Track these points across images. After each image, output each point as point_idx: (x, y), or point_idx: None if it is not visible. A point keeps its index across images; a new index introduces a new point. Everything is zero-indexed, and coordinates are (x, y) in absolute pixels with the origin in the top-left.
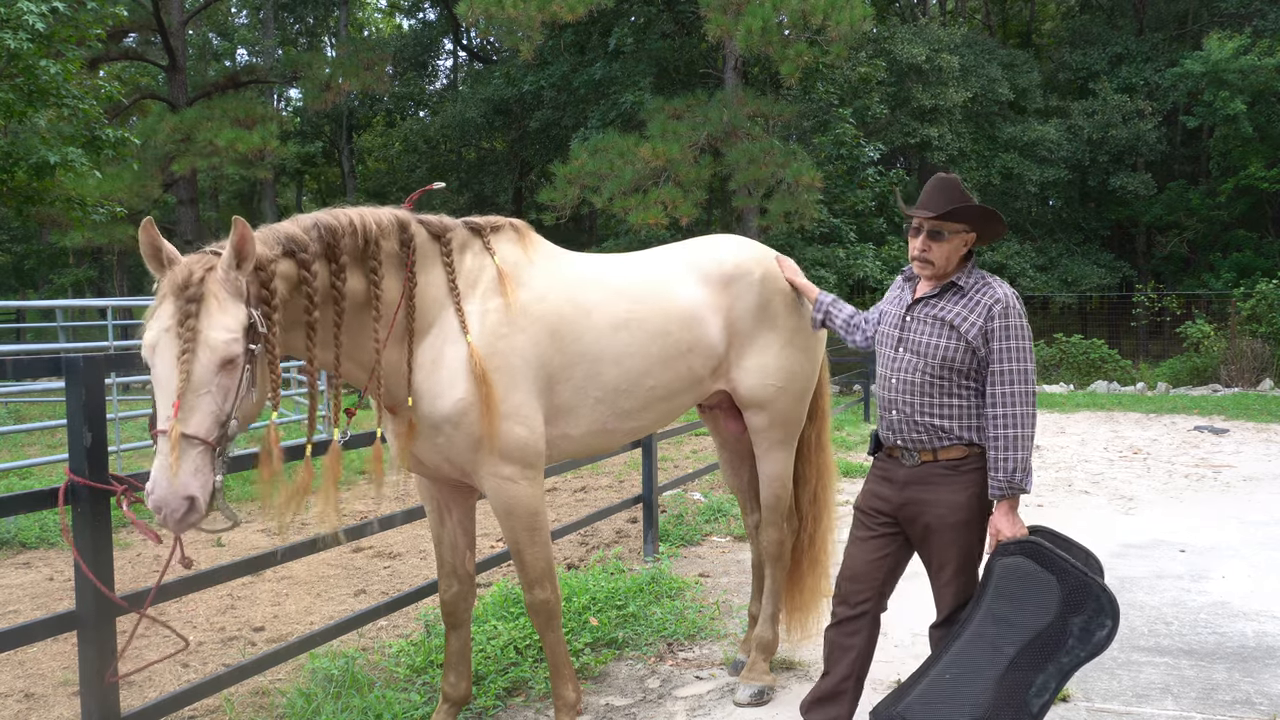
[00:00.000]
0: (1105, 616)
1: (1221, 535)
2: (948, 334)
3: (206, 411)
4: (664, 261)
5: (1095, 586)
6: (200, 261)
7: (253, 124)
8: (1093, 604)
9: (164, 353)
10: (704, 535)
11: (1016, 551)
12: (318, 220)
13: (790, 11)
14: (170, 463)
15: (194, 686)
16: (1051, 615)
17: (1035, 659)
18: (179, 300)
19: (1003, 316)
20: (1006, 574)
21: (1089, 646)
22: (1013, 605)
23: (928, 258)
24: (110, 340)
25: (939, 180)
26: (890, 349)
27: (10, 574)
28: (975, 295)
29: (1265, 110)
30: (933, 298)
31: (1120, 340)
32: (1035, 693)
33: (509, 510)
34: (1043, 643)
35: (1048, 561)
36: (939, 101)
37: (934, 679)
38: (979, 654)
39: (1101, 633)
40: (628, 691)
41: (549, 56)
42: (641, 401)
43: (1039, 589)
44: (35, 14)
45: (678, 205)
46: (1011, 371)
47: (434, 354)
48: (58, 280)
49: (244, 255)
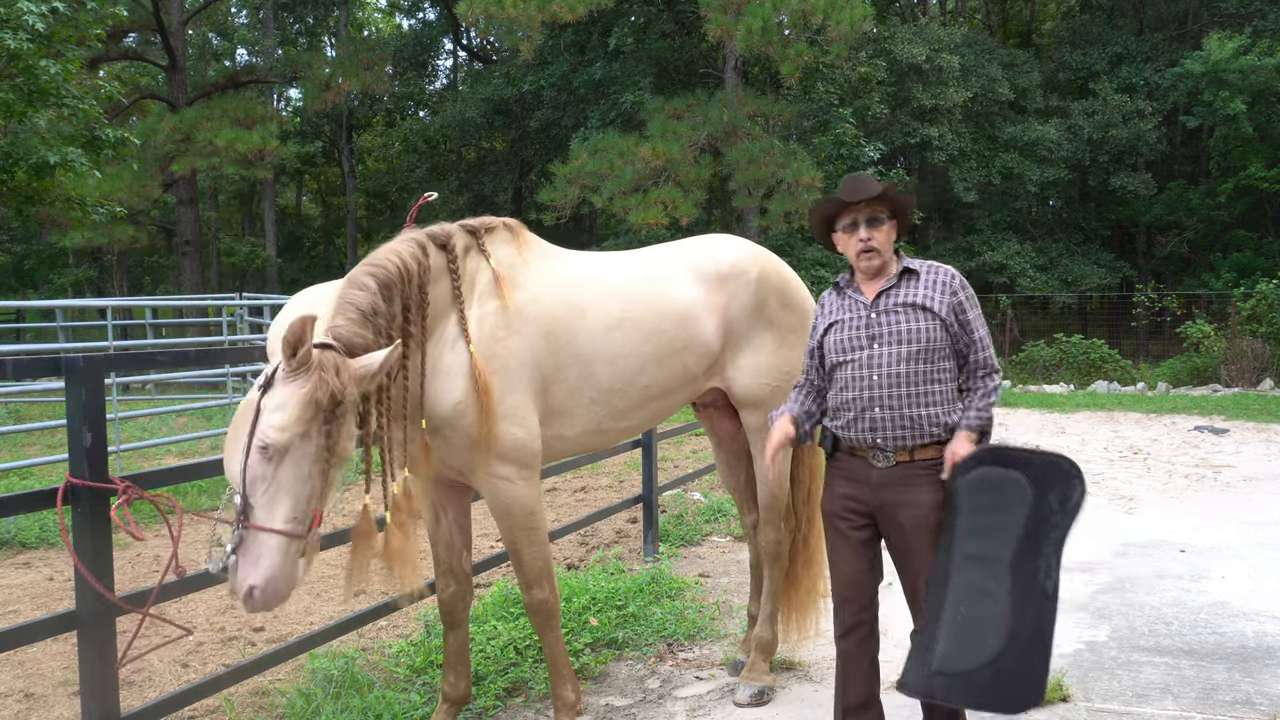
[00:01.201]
0: (1074, 479)
1: (1221, 535)
2: (924, 315)
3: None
4: (659, 260)
5: (1058, 459)
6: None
7: (253, 124)
8: (1059, 476)
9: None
10: (704, 535)
11: (975, 464)
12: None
13: (790, 11)
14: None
15: (194, 686)
16: (1030, 503)
17: (1032, 547)
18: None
19: (963, 289)
20: (974, 489)
21: (1069, 513)
22: (989, 515)
23: (873, 246)
24: (110, 340)
25: (854, 177)
26: (861, 351)
27: (10, 574)
28: (930, 276)
29: (1265, 110)
30: (892, 288)
31: (1120, 340)
32: (1045, 574)
33: (506, 510)
34: (1032, 530)
35: (1007, 459)
36: (939, 101)
37: (950, 625)
38: (979, 577)
39: (1075, 494)
40: (628, 692)
41: (549, 56)
42: (636, 400)
43: (1009, 488)
44: (35, 14)
45: (678, 205)
46: (983, 335)
47: (434, 359)
48: (58, 280)
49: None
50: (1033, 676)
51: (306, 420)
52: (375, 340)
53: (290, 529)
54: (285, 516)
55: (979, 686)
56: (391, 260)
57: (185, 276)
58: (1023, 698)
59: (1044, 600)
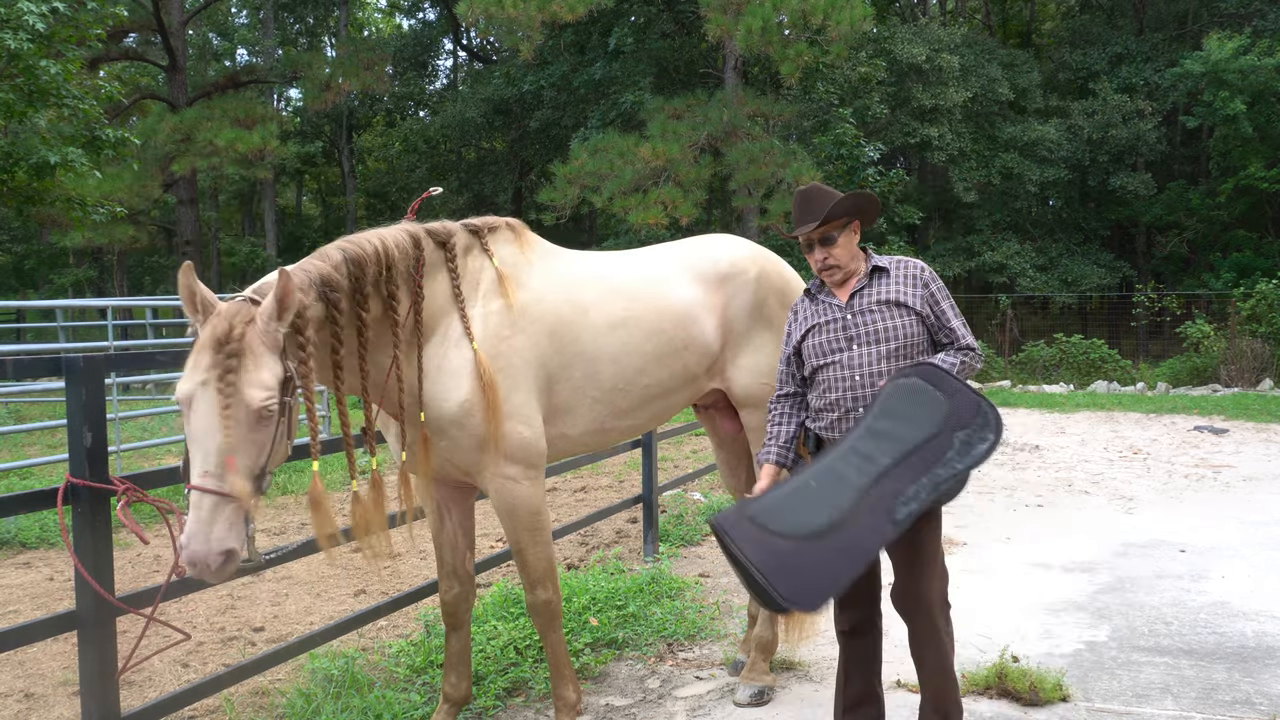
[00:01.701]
0: (989, 430)
1: (1221, 535)
2: (900, 311)
3: (243, 467)
4: (659, 260)
5: (984, 404)
6: (239, 314)
7: (253, 124)
8: (979, 419)
9: (201, 407)
10: (704, 535)
11: (911, 373)
12: (346, 254)
13: (790, 11)
14: (206, 519)
15: (194, 686)
16: (935, 428)
17: (912, 470)
18: (218, 354)
19: (933, 280)
20: (896, 392)
21: (968, 458)
22: (895, 421)
23: (831, 264)
24: (110, 340)
25: (802, 194)
26: (840, 354)
27: (10, 574)
28: (900, 271)
29: (1265, 110)
30: (864, 288)
31: (1120, 340)
32: (903, 501)
33: (511, 510)
34: (922, 454)
35: (940, 382)
36: (939, 101)
37: (794, 487)
38: (849, 467)
39: (982, 446)
40: (628, 691)
41: (549, 56)
42: (637, 400)
43: (927, 405)
44: (35, 14)
45: (678, 205)
46: (959, 324)
47: (439, 358)
48: (58, 280)
49: (286, 308)
50: (822, 580)
51: (204, 368)
52: (326, 311)
53: (200, 483)
54: (198, 472)
55: (771, 552)
56: (371, 241)
57: None
58: (798, 592)
59: (886, 523)
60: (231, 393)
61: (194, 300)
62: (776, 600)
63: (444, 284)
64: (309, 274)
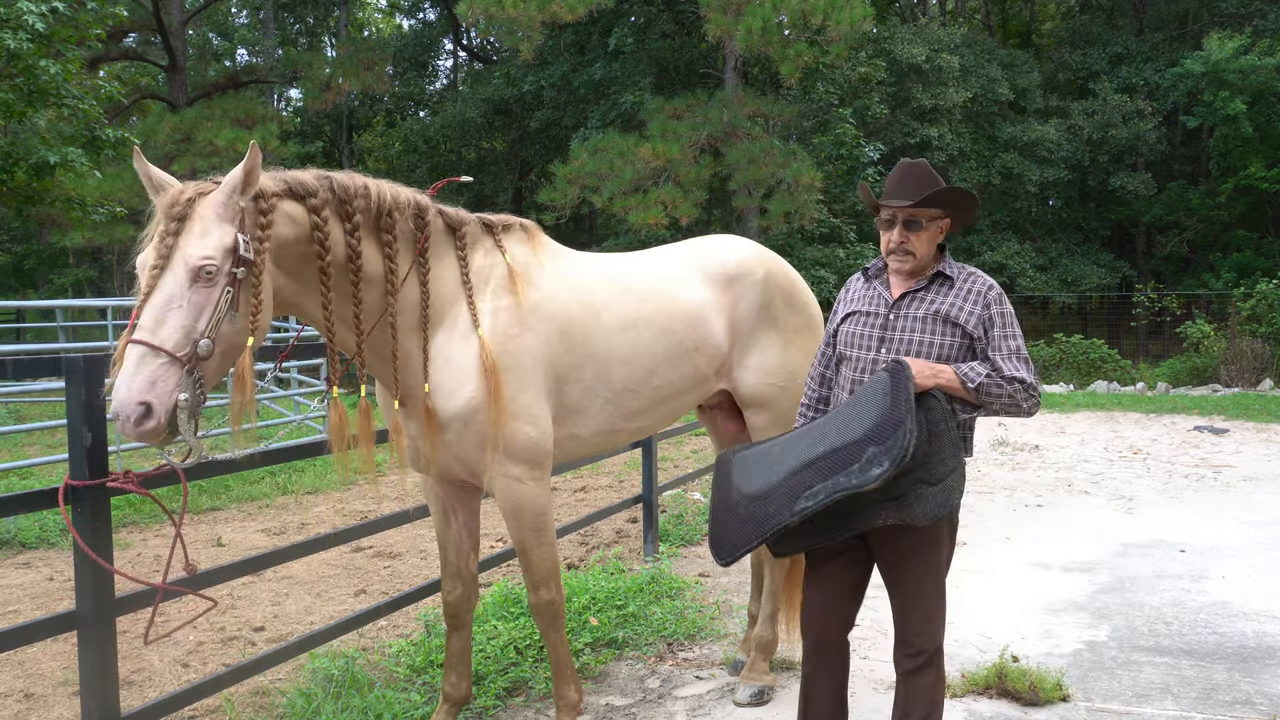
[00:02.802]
0: (886, 458)
1: (1221, 535)
2: (946, 330)
3: (175, 325)
4: (668, 261)
5: (906, 428)
6: (194, 187)
7: (253, 124)
8: (891, 442)
9: (145, 269)
10: (704, 535)
11: (890, 367)
12: (330, 175)
13: (790, 11)
14: (130, 370)
15: (194, 686)
16: (858, 434)
17: (825, 469)
18: (165, 220)
19: (999, 303)
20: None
21: (861, 478)
22: (852, 410)
23: (908, 249)
24: (110, 340)
25: (907, 166)
26: (868, 352)
27: (10, 574)
28: (965, 284)
29: (1265, 110)
30: (920, 291)
31: (1120, 340)
32: (807, 496)
33: (516, 510)
34: (839, 456)
35: (897, 388)
36: (939, 101)
37: (768, 446)
38: (803, 443)
39: (876, 470)
40: (628, 691)
41: (549, 56)
42: (648, 401)
43: (872, 407)
44: (35, 14)
45: (678, 205)
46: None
47: (446, 350)
48: (58, 280)
49: (251, 181)
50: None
51: (153, 234)
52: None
53: (134, 335)
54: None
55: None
56: (371, 183)
57: None
58: (715, 542)
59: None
60: (167, 252)
61: (150, 181)
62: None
63: (452, 270)
64: (282, 173)
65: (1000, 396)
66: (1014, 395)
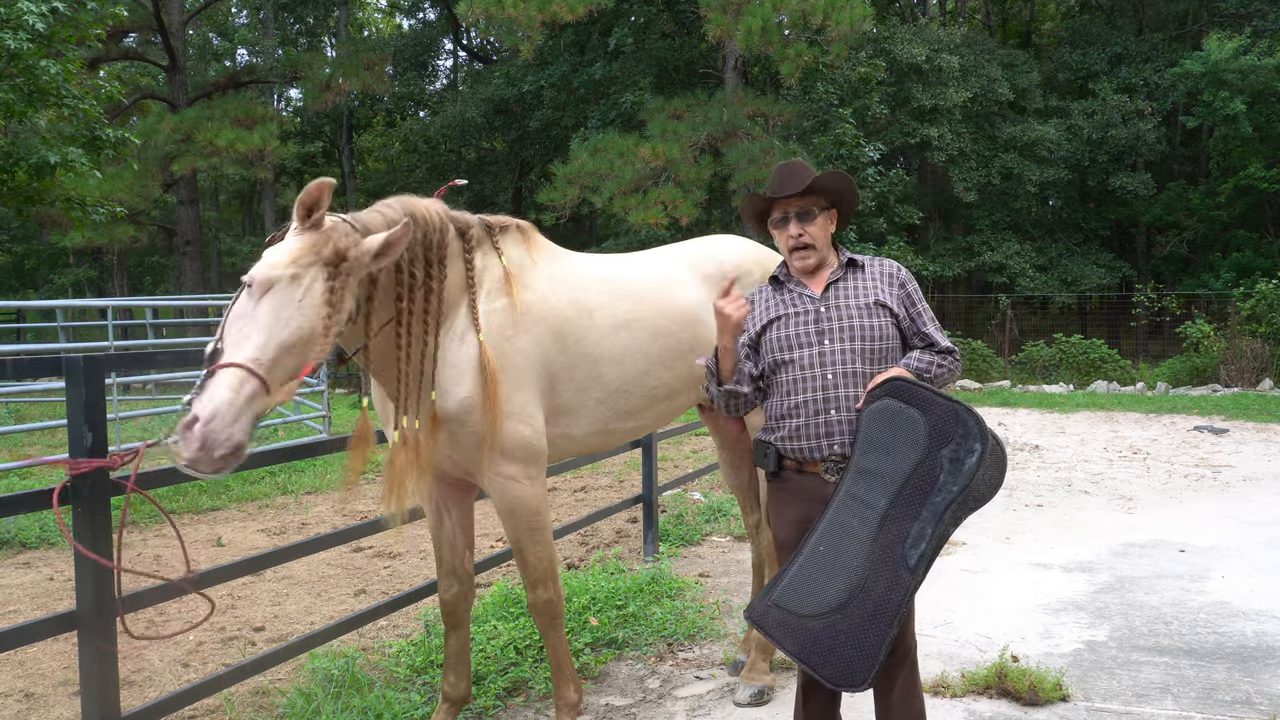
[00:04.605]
0: (973, 441)
1: (1221, 535)
2: (879, 311)
3: (285, 371)
4: (665, 262)
5: (961, 411)
6: (345, 233)
7: (253, 124)
8: (959, 430)
9: (280, 298)
10: (704, 535)
11: (882, 394)
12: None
13: (790, 11)
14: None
15: (194, 686)
16: (919, 453)
17: (908, 506)
18: (326, 267)
19: (909, 280)
20: (872, 420)
21: (960, 478)
22: (879, 454)
23: (806, 241)
24: (110, 340)
25: (785, 165)
26: (809, 348)
27: (10, 574)
28: (877, 269)
29: (1265, 110)
30: (840, 281)
31: (1120, 340)
32: (911, 543)
33: (511, 510)
34: (914, 487)
35: (911, 396)
36: (939, 101)
37: (807, 557)
38: (850, 516)
39: (971, 459)
40: (628, 691)
41: (549, 56)
42: (642, 401)
43: (904, 428)
44: (35, 14)
45: (678, 205)
46: (933, 330)
47: (443, 350)
48: (58, 280)
49: (389, 256)
50: (864, 652)
51: (302, 265)
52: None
53: (252, 365)
54: (249, 355)
55: (807, 635)
56: (420, 203)
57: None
58: (842, 674)
59: (903, 572)
60: (330, 303)
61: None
62: (826, 684)
63: (458, 273)
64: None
65: (943, 375)
66: (951, 368)
